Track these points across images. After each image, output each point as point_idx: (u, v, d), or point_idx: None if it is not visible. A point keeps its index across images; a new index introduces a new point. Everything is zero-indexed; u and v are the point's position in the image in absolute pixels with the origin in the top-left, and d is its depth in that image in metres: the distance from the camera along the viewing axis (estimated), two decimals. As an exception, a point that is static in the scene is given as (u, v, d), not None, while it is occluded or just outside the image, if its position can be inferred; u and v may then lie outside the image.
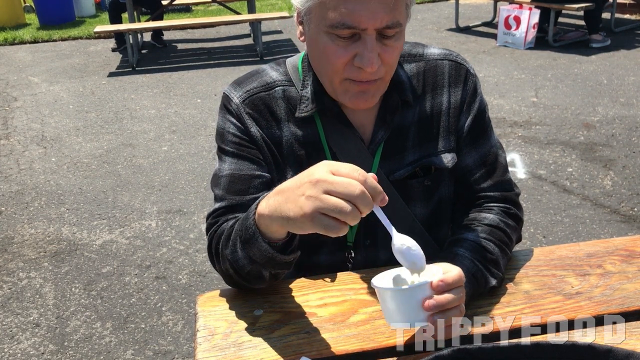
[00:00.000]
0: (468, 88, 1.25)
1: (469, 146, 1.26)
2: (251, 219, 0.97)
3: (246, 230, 0.99)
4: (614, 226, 3.25)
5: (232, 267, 1.07)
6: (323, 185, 0.83)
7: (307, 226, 0.85)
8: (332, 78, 1.11)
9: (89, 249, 3.27)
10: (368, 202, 0.82)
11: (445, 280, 0.90)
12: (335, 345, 1.00)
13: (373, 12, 1.00)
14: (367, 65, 1.04)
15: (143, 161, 4.36)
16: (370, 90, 1.10)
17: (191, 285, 2.91)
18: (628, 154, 4.11)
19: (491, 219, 1.20)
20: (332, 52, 1.06)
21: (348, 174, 0.83)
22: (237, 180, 1.18)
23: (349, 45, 1.05)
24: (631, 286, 1.13)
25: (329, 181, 0.83)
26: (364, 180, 0.82)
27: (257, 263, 1.02)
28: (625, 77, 5.64)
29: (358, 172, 0.83)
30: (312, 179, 0.84)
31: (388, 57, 1.07)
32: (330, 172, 0.84)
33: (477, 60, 6.37)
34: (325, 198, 0.82)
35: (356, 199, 0.81)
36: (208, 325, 1.07)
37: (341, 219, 0.82)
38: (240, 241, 1.02)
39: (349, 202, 0.81)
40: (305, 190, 0.84)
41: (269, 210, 0.92)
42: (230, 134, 1.21)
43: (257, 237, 0.97)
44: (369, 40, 1.03)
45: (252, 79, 1.24)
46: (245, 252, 1.02)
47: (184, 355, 2.47)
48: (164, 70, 6.66)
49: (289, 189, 0.89)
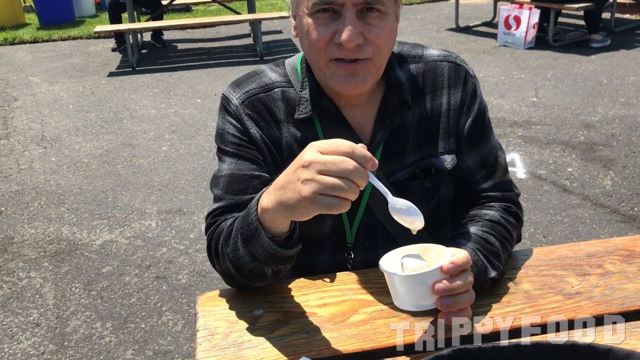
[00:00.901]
0: (468, 89, 1.25)
1: (469, 147, 1.26)
2: (253, 215, 0.98)
3: (248, 226, 0.99)
4: (614, 226, 3.25)
5: (233, 265, 1.07)
6: (315, 166, 0.85)
7: (310, 209, 0.87)
8: (318, 61, 1.12)
9: (89, 248, 3.27)
10: (362, 175, 0.84)
11: (456, 262, 0.91)
12: (335, 345, 1.00)
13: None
14: (345, 40, 1.05)
15: (143, 161, 4.36)
16: (360, 73, 1.10)
17: (191, 285, 2.91)
18: (628, 153, 4.11)
19: (492, 215, 1.21)
20: (314, 31, 1.08)
21: (335, 149, 0.85)
22: (236, 180, 1.18)
23: (330, 23, 1.07)
24: (631, 286, 1.13)
25: (320, 161, 0.84)
26: (352, 152, 0.84)
27: (259, 260, 1.02)
28: (625, 77, 5.65)
29: (345, 145, 0.85)
30: (303, 162, 0.86)
31: (373, 37, 1.07)
32: (319, 151, 0.86)
33: (477, 60, 6.37)
34: (321, 179, 0.84)
35: (350, 174, 0.83)
36: (208, 325, 1.07)
37: (341, 195, 0.84)
38: (241, 238, 1.02)
39: (345, 179, 0.83)
40: (300, 174, 0.86)
41: (271, 203, 0.93)
42: (229, 134, 1.21)
43: (259, 232, 0.97)
44: (347, 16, 1.05)
45: (251, 80, 1.24)
46: (247, 249, 1.02)
47: (184, 355, 2.47)
48: (164, 70, 6.66)
49: (285, 180, 0.91)
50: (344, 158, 0.84)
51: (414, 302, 0.92)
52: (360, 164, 0.84)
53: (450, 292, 0.90)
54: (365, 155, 0.85)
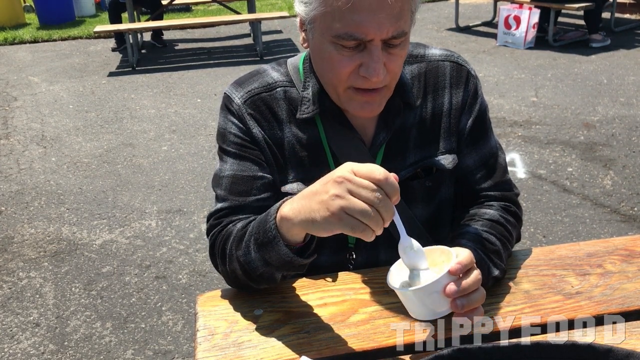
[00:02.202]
0: (469, 89, 1.25)
1: (470, 147, 1.26)
2: (271, 222, 0.97)
3: (264, 233, 0.99)
4: (614, 226, 3.25)
5: (242, 268, 1.07)
6: (347, 185, 0.85)
7: (334, 226, 0.86)
8: (336, 86, 1.10)
9: (89, 248, 3.27)
10: (388, 208, 0.85)
11: (462, 262, 0.91)
12: (335, 345, 1.00)
13: (379, 23, 0.99)
14: (372, 75, 1.03)
15: (143, 161, 4.36)
16: (376, 100, 1.10)
17: (191, 285, 2.91)
18: (628, 153, 4.11)
19: (491, 214, 1.21)
20: (337, 62, 1.05)
21: (369, 175, 0.85)
22: (239, 181, 1.18)
23: (354, 54, 1.04)
24: (631, 286, 1.13)
25: (353, 181, 0.85)
26: (385, 181, 0.84)
27: (272, 266, 1.02)
28: (625, 77, 5.64)
29: (379, 172, 0.85)
30: (336, 177, 0.86)
31: (393, 66, 1.07)
32: (353, 171, 0.86)
33: (477, 60, 6.37)
34: (350, 198, 0.84)
35: (378, 203, 0.84)
36: (208, 325, 1.07)
37: (364, 221, 0.84)
38: (256, 244, 1.02)
39: (372, 207, 0.83)
40: (330, 188, 0.86)
41: (293, 213, 0.93)
42: (231, 134, 1.21)
43: (277, 240, 0.97)
44: (374, 51, 1.02)
45: (253, 80, 1.24)
46: (260, 255, 1.02)
47: (184, 355, 2.47)
48: (164, 70, 6.65)
49: (313, 192, 0.90)
50: (375, 187, 0.84)
51: (430, 312, 0.92)
52: (388, 195, 0.84)
53: (463, 292, 0.90)
54: (395, 186, 0.85)
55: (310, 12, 1.06)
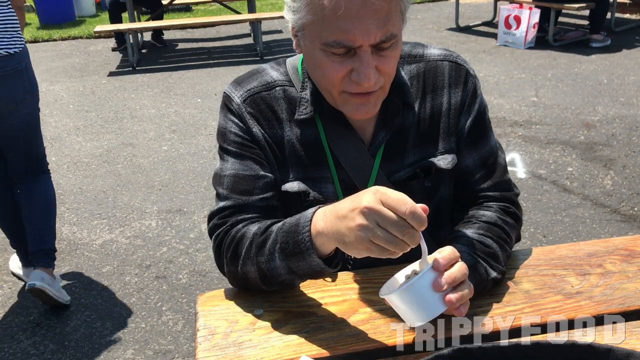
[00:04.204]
0: (468, 89, 1.25)
1: (469, 147, 1.26)
2: (305, 234, 0.99)
3: (296, 244, 1.00)
4: (614, 226, 3.25)
5: (261, 273, 1.08)
6: (375, 217, 0.86)
7: (362, 252, 0.90)
8: (331, 91, 1.11)
9: (89, 248, 3.27)
10: (414, 238, 0.87)
11: (444, 256, 0.93)
12: (335, 345, 1.00)
13: (366, 30, 0.99)
14: (363, 80, 1.03)
15: (143, 161, 4.36)
16: (371, 101, 1.10)
17: (191, 285, 2.91)
18: (628, 153, 4.11)
19: (489, 216, 1.20)
20: (328, 68, 1.06)
21: (397, 207, 0.86)
22: (241, 180, 1.18)
23: (345, 60, 1.04)
24: (631, 286, 1.13)
25: (380, 213, 0.86)
26: (413, 214, 0.86)
27: (296, 274, 1.04)
28: (626, 77, 5.64)
29: (407, 205, 0.86)
30: (363, 207, 0.88)
31: (386, 67, 1.06)
32: (381, 201, 0.87)
33: (477, 59, 6.37)
34: (377, 230, 0.86)
35: (404, 235, 0.86)
36: (208, 325, 1.07)
37: (390, 249, 0.87)
38: (283, 253, 1.03)
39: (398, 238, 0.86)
40: (357, 217, 0.88)
41: (327, 231, 0.95)
42: (232, 133, 1.21)
43: (310, 252, 0.99)
44: (364, 57, 1.02)
45: (252, 78, 1.24)
46: (286, 263, 1.03)
47: (184, 354, 2.48)
48: (164, 70, 6.65)
49: (342, 215, 0.92)
50: (401, 222, 0.86)
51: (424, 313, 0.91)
52: (413, 226, 0.86)
53: (452, 283, 0.91)
54: (422, 219, 0.86)
55: (299, 21, 1.07)
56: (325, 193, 1.21)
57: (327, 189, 1.21)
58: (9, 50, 2.42)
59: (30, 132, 2.65)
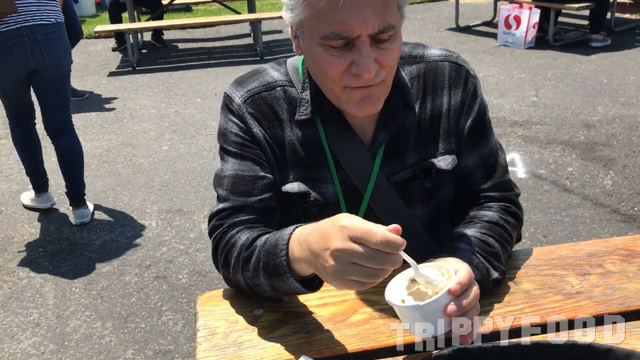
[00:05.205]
0: (468, 90, 1.25)
1: (469, 148, 1.25)
2: (282, 257, 0.98)
3: (275, 267, 1.00)
4: (614, 226, 3.25)
5: (248, 286, 1.09)
6: (346, 258, 0.84)
7: (344, 288, 0.89)
8: (332, 88, 1.10)
9: (89, 248, 3.27)
10: (395, 262, 0.84)
11: (462, 282, 0.90)
12: (335, 345, 1.00)
13: (363, 19, 0.99)
14: (363, 72, 1.03)
15: (143, 161, 4.36)
16: (374, 94, 1.10)
17: (191, 285, 2.91)
18: (628, 153, 4.11)
19: (490, 216, 1.20)
20: (328, 63, 1.06)
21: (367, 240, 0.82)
22: (240, 181, 1.18)
23: (344, 53, 1.04)
24: (631, 286, 1.13)
25: (351, 253, 0.83)
26: (384, 241, 0.82)
27: (280, 292, 1.05)
28: (626, 77, 5.65)
29: (377, 237, 0.82)
30: (332, 249, 0.85)
31: (386, 60, 1.06)
32: (348, 237, 0.84)
33: (477, 59, 6.37)
34: (352, 268, 0.84)
35: (383, 264, 0.83)
36: (208, 325, 1.07)
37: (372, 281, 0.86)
38: (266, 272, 1.03)
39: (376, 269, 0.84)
40: (329, 260, 0.86)
41: (302, 259, 0.94)
42: (232, 134, 1.20)
43: (288, 277, 0.99)
44: (363, 47, 1.02)
45: (253, 79, 1.24)
46: (269, 281, 1.03)
47: (184, 354, 2.48)
48: (164, 70, 6.66)
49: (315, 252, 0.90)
50: (376, 252, 0.82)
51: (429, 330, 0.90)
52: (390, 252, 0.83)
53: (462, 311, 0.89)
54: (396, 245, 0.82)
55: (296, 18, 1.07)
56: (326, 194, 1.21)
57: (328, 189, 1.21)
58: (58, 19, 3.21)
59: (64, 88, 3.38)
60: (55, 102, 3.35)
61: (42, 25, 3.12)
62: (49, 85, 3.28)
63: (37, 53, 3.12)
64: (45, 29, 3.13)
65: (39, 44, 3.11)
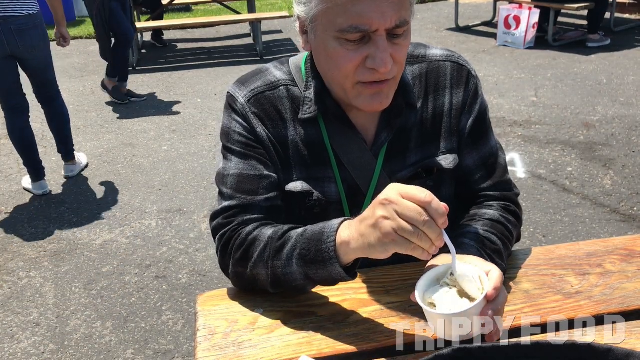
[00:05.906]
0: (469, 89, 1.25)
1: (470, 147, 1.26)
2: (329, 244, 1.00)
3: (318, 252, 1.01)
4: (614, 225, 3.25)
5: (274, 277, 1.08)
6: (393, 207, 0.88)
7: (389, 246, 0.90)
8: (343, 84, 1.10)
9: (89, 248, 3.28)
10: (434, 230, 0.87)
11: (497, 287, 0.92)
12: (335, 345, 1.00)
13: (382, 12, 1.00)
14: (380, 66, 1.03)
15: (143, 161, 4.36)
16: (384, 91, 1.10)
17: (191, 285, 2.91)
18: (628, 153, 4.11)
19: (492, 214, 1.21)
20: (343, 57, 1.06)
21: (414, 197, 0.88)
22: (245, 180, 1.18)
23: (360, 47, 1.04)
24: (631, 285, 1.13)
25: (398, 203, 0.88)
26: (430, 204, 0.87)
27: (312, 280, 1.05)
28: (625, 77, 5.65)
29: (424, 195, 0.88)
30: (382, 199, 0.90)
31: (399, 56, 1.07)
32: (399, 193, 0.89)
33: (477, 59, 6.37)
34: (398, 219, 0.88)
35: (423, 225, 0.87)
36: (208, 325, 1.07)
37: (414, 241, 0.88)
38: (302, 260, 1.03)
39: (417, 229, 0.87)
40: (377, 211, 0.90)
41: (352, 239, 0.96)
42: (236, 133, 1.20)
43: (333, 262, 1.00)
44: (380, 41, 1.03)
45: (256, 78, 1.24)
46: (303, 270, 1.04)
47: (184, 354, 2.48)
48: (164, 70, 6.65)
49: (363, 217, 0.94)
50: (420, 209, 0.87)
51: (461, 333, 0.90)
52: (433, 218, 0.87)
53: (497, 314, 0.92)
54: (439, 211, 0.87)
55: (310, 12, 1.06)
56: (328, 193, 1.21)
57: (330, 188, 1.22)
58: (31, 11, 3.60)
59: (47, 68, 3.79)
60: (40, 80, 3.78)
61: (15, 17, 3.46)
62: (30, 68, 3.71)
63: (12, 42, 3.47)
64: (18, 20, 3.48)
65: (12, 34, 3.46)
